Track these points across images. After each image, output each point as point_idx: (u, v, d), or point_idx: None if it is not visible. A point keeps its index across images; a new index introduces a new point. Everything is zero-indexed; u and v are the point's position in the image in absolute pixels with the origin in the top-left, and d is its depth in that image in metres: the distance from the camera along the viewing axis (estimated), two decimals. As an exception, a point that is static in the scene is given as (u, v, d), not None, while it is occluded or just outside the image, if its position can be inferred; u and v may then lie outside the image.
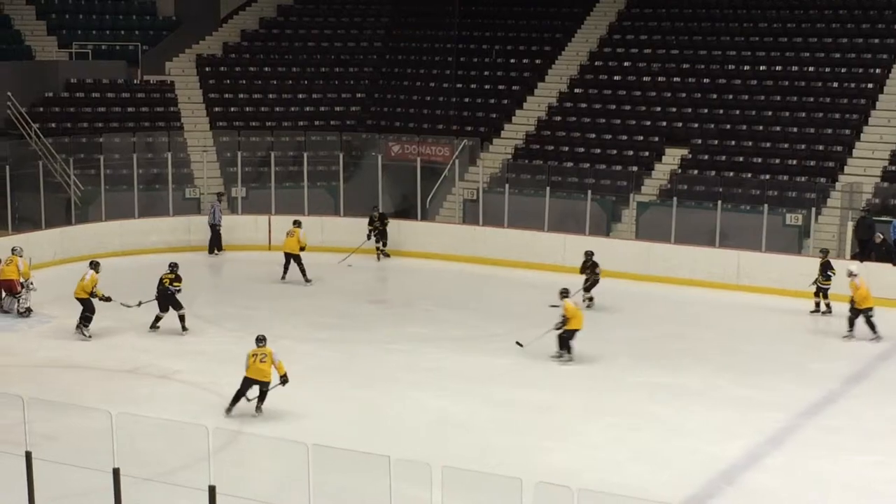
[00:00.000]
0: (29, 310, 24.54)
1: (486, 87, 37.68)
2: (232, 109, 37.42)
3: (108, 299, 23.36)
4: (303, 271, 27.85)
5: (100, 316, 23.52)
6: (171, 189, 32.64)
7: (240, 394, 18.41)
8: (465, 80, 37.95)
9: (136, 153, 32.97)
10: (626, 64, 36.40)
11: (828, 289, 25.40)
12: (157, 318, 23.54)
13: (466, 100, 37.34)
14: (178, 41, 39.95)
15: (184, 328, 23.40)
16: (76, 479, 14.49)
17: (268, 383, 18.54)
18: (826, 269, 25.30)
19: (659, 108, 34.51)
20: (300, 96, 38.39)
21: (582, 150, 33.95)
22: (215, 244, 31.48)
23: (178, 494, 14.20)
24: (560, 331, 21.62)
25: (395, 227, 31.79)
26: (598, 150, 33.75)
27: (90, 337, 23.06)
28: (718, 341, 23.76)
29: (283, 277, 28.13)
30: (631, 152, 33.37)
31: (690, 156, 32.61)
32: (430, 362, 21.96)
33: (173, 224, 31.96)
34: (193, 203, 33.44)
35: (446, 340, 23.42)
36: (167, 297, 23.37)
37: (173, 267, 23.66)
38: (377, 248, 30.95)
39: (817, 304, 25.63)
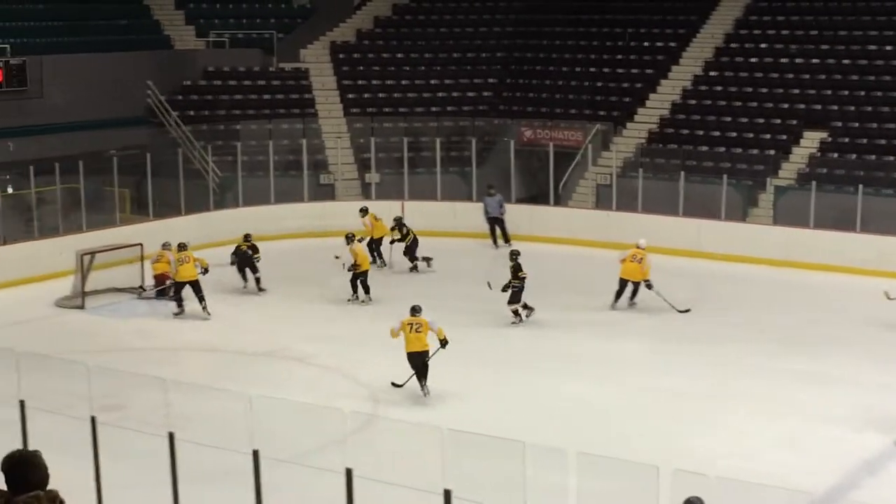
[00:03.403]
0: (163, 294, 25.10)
1: (620, 70, 37.31)
2: (365, 96, 37.69)
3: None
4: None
5: (238, 300, 23.96)
6: (307, 175, 33.02)
7: (417, 370, 18.74)
8: (597, 63, 37.63)
9: (272, 140, 33.46)
10: (762, 45, 35.71)
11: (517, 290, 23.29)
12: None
13: (599, 84, 37.01)
14: (312, 29, 40.36)
15: (260, 289, 25.82)
16: (216, 459, 14.74)
17: (427, 353, 18.69)
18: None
19: (797, 90, 33.77)
20: (433, 82, 38.48)
21: (717, 133, 33.42)
22: (503, 235, 30.98)
23: (315, 477, 14.36)
24: (350, 273, 24.74)
25: (526, 212, 31.72)
26: (735, 134, 33.19)
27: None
28: (860, 328, 23.16)
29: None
30: (768, 136, 32.75)
31: (830, 139, 31.87)
32: (565, 348, 21.88)
33: (308, 210, 32.33)
34: (328, 189, 33.80)
35: (581, 326, 23.29)
36: (247, 260, 25.85)
37: (247, 236, 26.43)
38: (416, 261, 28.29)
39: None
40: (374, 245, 28.69)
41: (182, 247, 24.68)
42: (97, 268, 25.68)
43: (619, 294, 24.39)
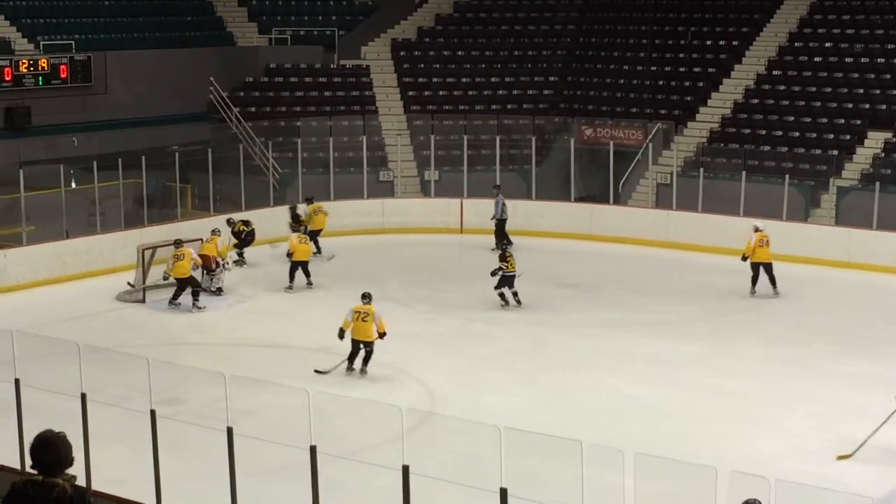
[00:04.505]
0: (220, 289, 25.20)
1: (682, 69, 37.06)
2: (426, 93, 37.74)
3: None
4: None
5: (294, 296, 24.08)
6: (366, 172, 33.12)
7: (352, 356, 19.61)
8: (659, 62, 37.38)
9: (332, 137, 33.57)
10: (827, 44, 35.33)
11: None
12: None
13: (661, 82, 36.79)
14: (373, 26, 40.46)
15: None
16: (274, 455, 14.83)
17: (371, 343, 19.38)
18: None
19: (861, 90, 33.39)
20: (493, 80, 38.44)
21: (780, 133, 33.11)
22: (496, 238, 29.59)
23: (371, 473, 14.41)
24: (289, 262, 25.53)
25: (586, 211, 31.60)
26: (797, 134, 32.87)
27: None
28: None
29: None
30: (831, 135, 32.40)
31: (895, 139, 31.49)
32: (622, 347, 21.77)
33: (368, 206, 32.42)
34: (387, 186, 33.88)
35: (638, 325, 23.18)
36: (251, 237, 27.91)
37: (247, 222, 28.12)
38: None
39: None
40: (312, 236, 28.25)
41: (178, 243, 24.88)
42: (158, 262, 25.93)
43: (755, 279, 24.92)
